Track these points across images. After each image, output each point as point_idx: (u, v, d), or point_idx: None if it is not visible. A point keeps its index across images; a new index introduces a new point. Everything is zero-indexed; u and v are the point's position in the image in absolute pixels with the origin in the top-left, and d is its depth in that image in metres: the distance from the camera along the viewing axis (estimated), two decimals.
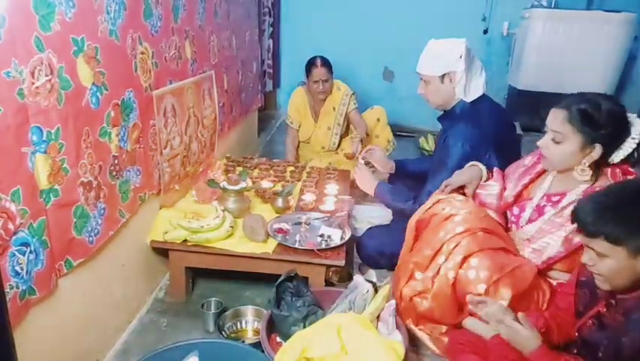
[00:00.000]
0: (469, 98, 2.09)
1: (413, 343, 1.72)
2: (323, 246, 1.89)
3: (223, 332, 1.75)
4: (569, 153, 1.51)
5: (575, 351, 1.28)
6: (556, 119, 1.52)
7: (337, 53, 3.24)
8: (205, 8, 2.36)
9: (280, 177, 2.53)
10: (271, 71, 4.52)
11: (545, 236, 1.60)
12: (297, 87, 3.44)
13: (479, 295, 1.53)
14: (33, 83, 1.15)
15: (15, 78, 1.10)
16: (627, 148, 1.48)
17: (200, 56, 2.32)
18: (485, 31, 4.45)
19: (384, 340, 1.50)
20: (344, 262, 1.86)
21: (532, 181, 1.72)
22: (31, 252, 1.19)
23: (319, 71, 3.12)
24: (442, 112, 2.20)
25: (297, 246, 1.88)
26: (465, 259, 1.60)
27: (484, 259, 1.58)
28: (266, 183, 2.41)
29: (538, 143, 1.59)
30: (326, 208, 2.23)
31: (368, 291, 1.71)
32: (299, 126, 3.37)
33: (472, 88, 2.09)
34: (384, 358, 1.40)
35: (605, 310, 1.18)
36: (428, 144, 4.01)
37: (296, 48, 4.63)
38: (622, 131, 1.48)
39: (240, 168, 2.58)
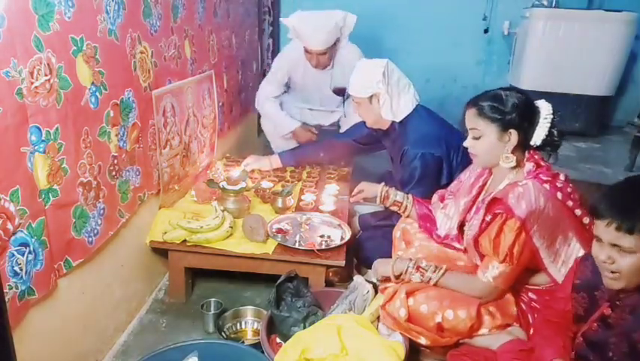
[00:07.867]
0: (398, 118, 2.13)
1: (413, 343, 1.71)
2: (323, 246, 1.88)
3: (223, 333, 1.75)
4: (490, 144, 1.56)
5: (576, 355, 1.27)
6: (469, 117, 1.58)
7: None
8: (205, 7, 2.35)
9: (280, 177, 2.53)
10: None
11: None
12: None
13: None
14: (32, 83, 1.15)
15: (14, 78, 1.09)
16: (543, 128, 1.54)
17: (200, 56, 2.32)
18: (486, 31, 4.44)
19: (384, 340, 1.49)
20: (344, 262, 1.85)
21: (484, 184, 1.72)
22: (30, 252, 1.18)
23: None
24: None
25: (297, 246, 1.88)
26: (409, 294, 1.57)
27: (430, 291, 1.56)
28: (266, 183, 2.40)
29: (464, 144, 1.64)
30: (326, 208, 2.22)
31: (368, 292, 1.70)
32: None
33: (400, 106, 2.13)
34: (384, 359, 1.40)
35: (610, 311, 1.17)
36: None
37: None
38: (530, 113, 1.54)
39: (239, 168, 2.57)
